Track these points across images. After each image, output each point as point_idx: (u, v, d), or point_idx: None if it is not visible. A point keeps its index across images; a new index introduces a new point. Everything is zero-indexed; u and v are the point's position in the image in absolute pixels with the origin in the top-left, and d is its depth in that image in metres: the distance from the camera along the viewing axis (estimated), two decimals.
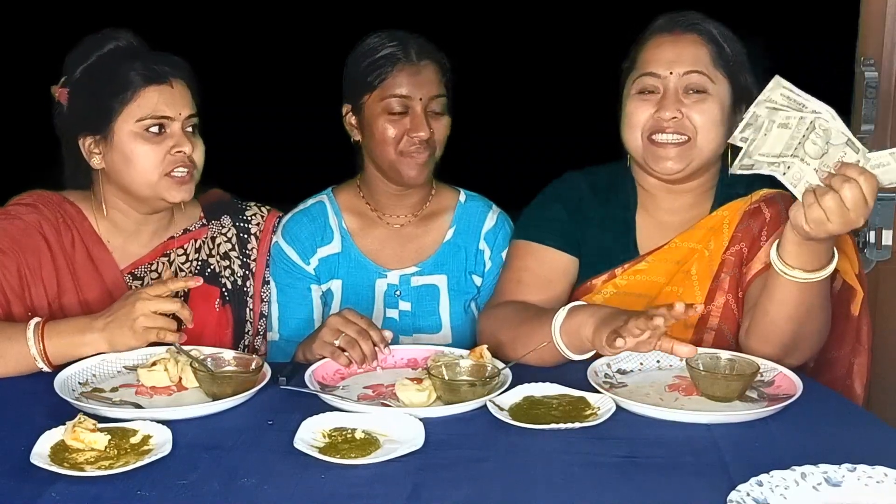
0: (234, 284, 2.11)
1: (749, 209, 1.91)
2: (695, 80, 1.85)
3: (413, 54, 2.05)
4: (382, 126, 2.05)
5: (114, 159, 1.92)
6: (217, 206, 2.14)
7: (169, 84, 1.91)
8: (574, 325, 1.70)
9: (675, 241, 1.94)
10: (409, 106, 2.04)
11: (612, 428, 1.52)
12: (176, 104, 1.92)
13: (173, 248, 2.06)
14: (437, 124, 2.07)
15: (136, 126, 1.90)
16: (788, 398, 1.60)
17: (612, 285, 1.95)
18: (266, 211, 2.18)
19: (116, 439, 1.44)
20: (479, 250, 2.19)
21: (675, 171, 1.88)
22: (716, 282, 1.90)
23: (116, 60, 1.92)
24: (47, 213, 1.97)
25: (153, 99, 1.90)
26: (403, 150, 2.06)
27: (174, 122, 1.92)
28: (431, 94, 2.05)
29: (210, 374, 1.68)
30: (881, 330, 2.48)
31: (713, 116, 1.85)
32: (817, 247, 1.64)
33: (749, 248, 1.88)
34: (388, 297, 2.16)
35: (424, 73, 2.05)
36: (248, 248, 2.14)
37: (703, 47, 1.87)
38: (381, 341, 1.81)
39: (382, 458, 1.40)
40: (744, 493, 1.26)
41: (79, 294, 1.95)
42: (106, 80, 1.90)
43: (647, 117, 1.87)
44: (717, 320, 1.89)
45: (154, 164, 1.91)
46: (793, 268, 1.66)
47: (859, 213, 1.55)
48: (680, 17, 1.90)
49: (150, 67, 1.91)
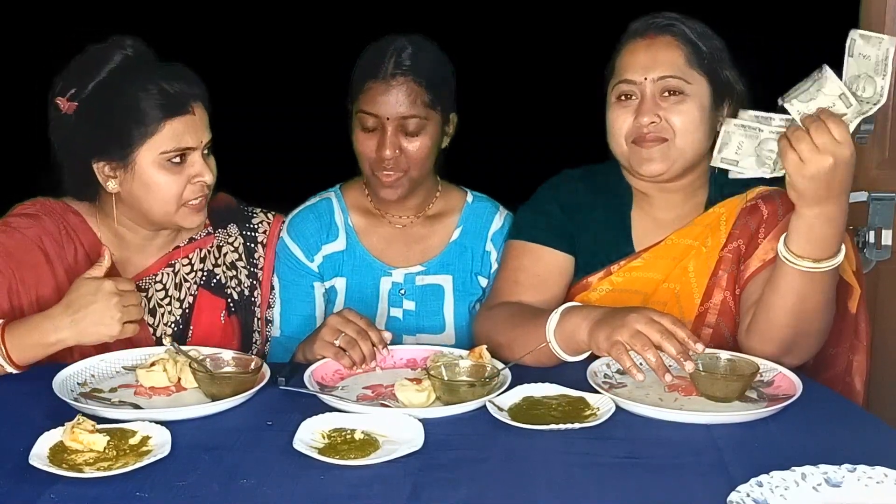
0: (240, 295, 2.09)
1: (746, 206, 1.91)
2: (671, 84, 1.86)
3: (388, 71, 1.99)
4: (357, 139, 2.06)
5: (133, 187, 1.88)
6: (223, 214, 2.11)
7: (191, 112, 1.87)
8: (569, 327, 1.70)
9: (671, 238, 1.94)
10: (379, 124, 2.02)
11: (611, 428, 1.52)
12: (197, 132, 1.88)
13: (179, 257, 2.04)
14: (410, 144, 2.03)
15: (160, 157, 1.86)
16: (788, 398, 1.60)
17: (608, 282, 1.95)
18: (272, 217, 2.17)
19: (115, 440, 1.44)
20: (485, 251, 2.19)
21: (658, 172, 1.89)
22: (713, 279, 1.90)
23: (129, 80, 1.85)
24: (49, 225, 1.94)
25: (177, 131, 1.85)
26: (374, 167, 2.05)
27: (195, 150, 1.89)
28: (401, 113, 2.00)
29: (209, 374, 1.68)
30: (881, 329, 2.48)
31: (692, 117, 1.86)
32: (825, 232, 1.65)
33: (747, 245, 1.88)
34: (393, 296, 2.16)
35: (396, 92, 2.00)
36: (255, 256, 2.12)
37: (678, 49, 1.87)
38: (380, 342, 1.81)
39: (382, 459, 1.40)
40: (743, 493, 1.26)
41: None
42: (123, 105, 1.84)
43: (629, 124, 1.88)
44: (715, 317, 1.89)
45: (175, 193, 1.88)
46: (801, 257, 1.67)
47: (828, 151, 1.58)
48: (654, 20, 1.91)
49: (168, 94, 1.85)
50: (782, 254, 1.69)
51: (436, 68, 2.06)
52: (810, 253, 1.67)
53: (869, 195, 2.62)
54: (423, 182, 2.13)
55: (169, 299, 2.02)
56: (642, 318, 1.61)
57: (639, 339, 1.59)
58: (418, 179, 2.10)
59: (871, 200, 2.62)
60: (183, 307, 2.02)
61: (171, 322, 2.01)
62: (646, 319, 1.60)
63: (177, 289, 2.03)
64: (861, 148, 2.57)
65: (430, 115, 2.04)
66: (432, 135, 2.06)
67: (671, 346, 1.57)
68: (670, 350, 1.58)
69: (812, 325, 1.75)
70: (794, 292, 1.71)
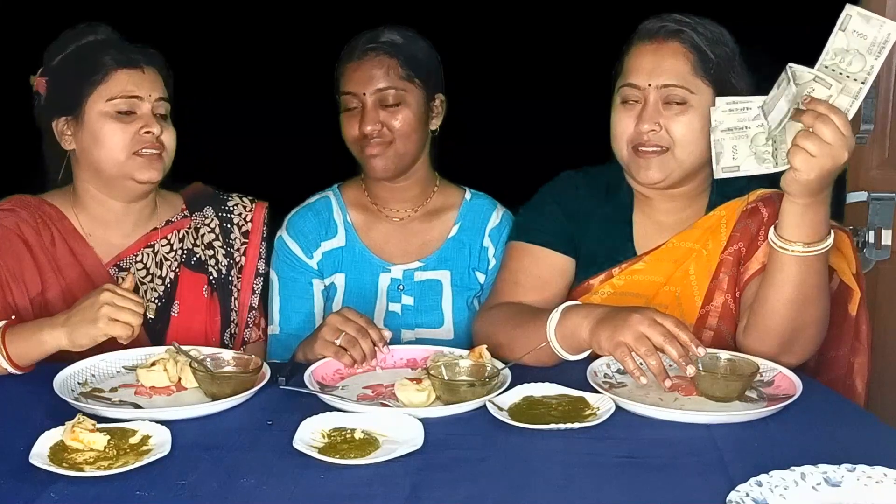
0: (219, 273, 2.12)
1: (747, 209, 1.91)
2: (673, 93, 1.84)
3: (362, 48, 2.07)
4: (343, 122, 2.10)
5: (83, 139, 1.96)
6: (199, 198, 2.17)
7: (140, 69, 1.97)
8: (570, 326, 1.70)
9: (672, 241, 1.94)
10: (360, 101, 2.06)
11: (611, 428, 1.52)
12: (146, 86, 1.96)
13: (157, 238, 2.08)
14: (392, 117, 2.07)
15: (107, 106, 1.94)
16: (788, 398, 1.60)
17: (610, 285, 1.95)
18: (249, 202, 2.19)
19: (115, 439, 1.44)
20: (483, 247, 2.20)
21: (656, 180, 1.88)
22: (714, 281, 1.90)
23: (93, 49, 1.97)
24: (25, 216, 1.99)
25: (123, 80, 1.95)
26: (361, 145, 2.09)
27: (143, 102, 1.95)
28: (377, 87, 2.05)
29: (209, 374, 1.68)
30: (881, 330, 2.48)
31: (693, 127, 1.84)
32: (815, 217, 1.65)
33: (747, 247, 1.88)
34: (391, 292, 2.17)
35: (369, 66, 2.06)
36: (230, 237, 2.15)
37: (684, 57, 1.85)
38: (379, 340, 1.82)
39: (382, 459, 1.40)
40: (743, 493, 1.26)
41: (63, 289, 1.96)
42: (81, 65, 1.96)
43: (631, 128, 1.88)
44: (716, 320, 1.89)
45: (122, 142, 1.94)
46: (792, 242, 1.67)
47: (839, 144, 1.57)
48: (663, 23, 1.87)
49: (124, 53, 1.96)
50: (775, 242, 1.69)
51: (411, 45, 2.11)
52: (802, 237, 1.67)
53: (869, 195, 2.62)
54: (412, 160, 2.14)
55: (151, 276, 2.06)
56: (645, 319, 1.61)
57: (642, 342, 1.59)
58: (405, 155, 2.11)
59: (871, 200, 2.62)
60: (165, 283, 2.06)
61: (154, 298, 2.04)
62: (649, 321, 1.61)
63: (158, 267, 2.07)
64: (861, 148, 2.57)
65: (408, 87, 2.08)
66: (414, 109, 2.09)
67: (673, 349, 1.59)
68: (672, 354, 1.59)
69: (809, 315, 1.74)
70: (788, 281, 1.70)
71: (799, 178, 1.61)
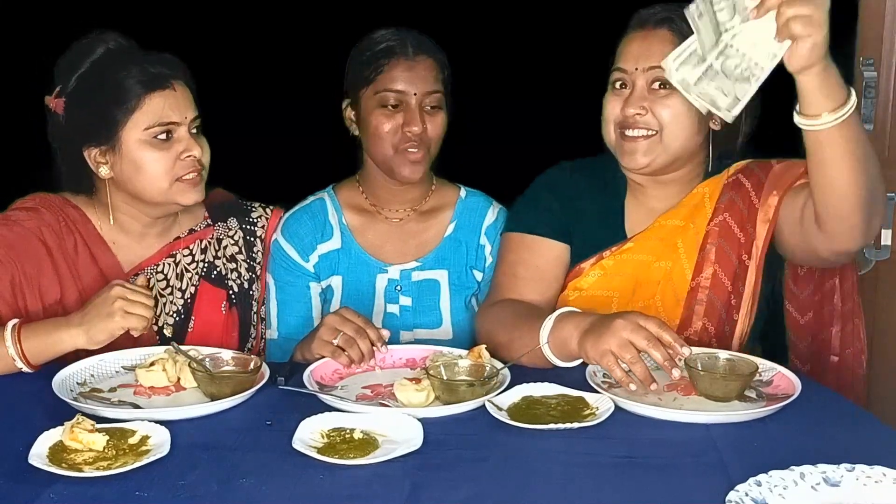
0: (240, 287, 2.10)
1: (728, 182, 1.94)
2: (660, 76, 1.85)
3: (410, 49, 2.06)
4: (377, 120, 2.06)
5: (124, 169, 1.91)
6: (222, 208, 2.13)
7: (171, 88, 1.90)
8: (562, 335, 1.71)
9: (659, 221, 1.97)
10: (404, 100, 2.05)
11: (610, 428, 1.52)
12: (180, 108, 1.91)
13: (179, 248, 2.06)
14: (432, 121, 2.08)
15: (144, 134, 1.88)
16: (787, 398, 1.60)
17: (600, 267, 1.97)
18: (269, 211, 2.18)
19: (115, 440, 1.44)
20: (479, 245, 2.20)
21: (642, 164, 1.90)
22: (702, 253, 1.92)
23: (111, 66, 1.90)
24: (48, 218, 1.96)
25: (158, 105, 1.88)
26: (398, 146, 2.06)
27: (181, 126, 1.91)
28: (427, 89, 2.06)
29: (208, 374, 1.68)
30: (881, 329, 2.49)
31: (679, 111, 1.86)
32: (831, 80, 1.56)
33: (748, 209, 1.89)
34: (389, 293, 2.16)
35: (420, 68, 2.06)
36: (254, 250, 2.14)
37: (672, 44, 1.83)
38: (378, 339, 1.82)
39: (381, 459, 1.40)
40: (742, 493, 1.26)
41: (82, 297, 1.93)
42: (104, 88, 1.88)
43: (618, 112, 1.90)
44: (707, 292, 1.91)
45: (165, 170, 1.90)
46: (818, 116, 1.58)
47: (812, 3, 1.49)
48: (654, 12, 1.91)
49: (149, 72, 1.89)
50: (804, 125, 1.60)
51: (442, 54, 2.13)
52: (825, 106, 1.58)
53: None
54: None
55: (171, 289, 2.03)
56: (629, 324, 1.61)
57: (626, 349, 1.60)
58: (430, 161, 2.12)
59: None
60: (185, 297, 2.04)
61: (172, 312, 2.02)
62: (632, 326, 1.61)
63: (178, 279, 2.04)
64: None
65: (445, 94, 2.10)
66: (445, 115, 2.11)
67: (658, 353, 1.60)
68: (657, 357, 1.60)
69: (873, 168, 1.66)
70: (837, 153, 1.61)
71: (804, 43, 1.51)
